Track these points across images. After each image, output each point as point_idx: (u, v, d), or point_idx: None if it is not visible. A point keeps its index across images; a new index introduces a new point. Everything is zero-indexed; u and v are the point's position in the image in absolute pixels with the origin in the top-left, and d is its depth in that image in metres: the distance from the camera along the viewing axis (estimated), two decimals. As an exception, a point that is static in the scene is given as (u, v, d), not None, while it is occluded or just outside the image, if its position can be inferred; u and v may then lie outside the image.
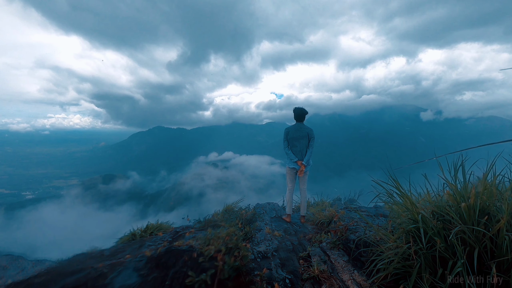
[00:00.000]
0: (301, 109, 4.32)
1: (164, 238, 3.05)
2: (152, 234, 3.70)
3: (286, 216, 4.44)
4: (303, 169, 4.18)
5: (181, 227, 3.77)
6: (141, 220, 68.09)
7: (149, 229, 3.80)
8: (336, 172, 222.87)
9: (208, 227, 3.78)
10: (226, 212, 4.79)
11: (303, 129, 4.26)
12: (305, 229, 3.88)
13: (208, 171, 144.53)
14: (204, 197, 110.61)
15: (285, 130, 4.41)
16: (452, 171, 2.27)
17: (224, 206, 5.03)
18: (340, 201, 9.59)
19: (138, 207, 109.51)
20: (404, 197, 2.23)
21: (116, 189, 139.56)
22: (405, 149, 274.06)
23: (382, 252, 2.17)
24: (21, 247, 62.39)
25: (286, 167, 4.46)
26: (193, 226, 3.81)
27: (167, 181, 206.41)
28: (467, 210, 1.86)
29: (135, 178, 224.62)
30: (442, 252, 1.78)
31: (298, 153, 4.25)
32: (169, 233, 3.44)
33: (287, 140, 4.34)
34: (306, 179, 4.44)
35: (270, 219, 4.33)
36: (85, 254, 3.00)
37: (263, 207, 4.81)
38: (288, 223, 4.19)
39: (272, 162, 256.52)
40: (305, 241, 3.20)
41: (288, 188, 4.46)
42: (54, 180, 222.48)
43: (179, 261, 2.19)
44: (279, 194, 71.22)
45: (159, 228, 3.88)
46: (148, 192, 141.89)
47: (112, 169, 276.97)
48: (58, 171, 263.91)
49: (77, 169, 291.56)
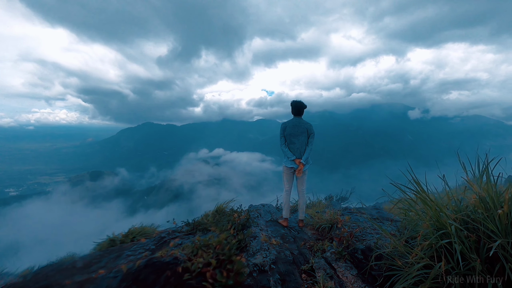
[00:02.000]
0: (299, 102, 3.92)
1: (147, 246, 2.68)
2: (134, 239, 3.32)
3: (282, 219, 4.05)
4: (301, 168, 3.79)
5: (167, 231, 3.41)
6: (130, 218, 67.17)
7: (131, 233, 3.43)
8: (326, 169, 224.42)
9: (197, 231, 3.44)
10: (217, 213, 4.43)
11: (302, 125, 3.86)
12: (305, 234, 3.51)
13: (199, 167, 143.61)
14: (195, 194, 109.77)
15: (281, 125, 3.98)
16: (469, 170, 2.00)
17: (215, 206, 4.66)
18: (332, 199, 9.40)
19: (127, 204, 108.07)
20: (426, 202, 1.88)
21: (104, 186, 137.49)
22: (393, 146, 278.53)
23: (400, 268, 1.85)
24: (3, 246, 60.48)
25: (282, 166, 4.02)
26: (180, 230, 3.46)
27: (157, 178, 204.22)
28: (504, 218, 1.57)
29: (124, 175, 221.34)
30: (480, 273, 1.52)
31: (296, 151, 3.85)
32: (152, 239, 3.08)
33: (284, 136, 3.93)
34: (305, 180, 4.03)
35: (266, 223, 3.90)
36: (55, 266, 2.61)
37: (257, 210, 4.34)
38: (285, 227, 3.83)
39: (263, 159, 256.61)
40: (306, 250, 2.83)
41: (285, 189, 4.04)
42: (39, 177, 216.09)
43: (161, 278, 1.84)
44: (272, 192, 71.05)
45: (143, 232, 3.51)
46: (137, 188, 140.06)
47: (100, 166, 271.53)
48: (43, 168, 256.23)
49: (63, 165, 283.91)
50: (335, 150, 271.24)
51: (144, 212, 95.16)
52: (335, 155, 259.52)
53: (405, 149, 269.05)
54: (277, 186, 13.64)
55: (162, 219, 16.05)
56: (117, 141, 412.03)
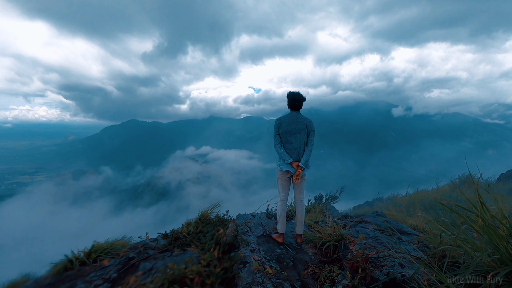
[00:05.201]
0: (297, 93, 3.21)
1: (107, 274, 2.12)
2: (97, 259, 2.74)
3: (277, 235, 3.37)
4: (300, 173, 3.13)
5: (138, 249, 2.84)
6: (116, 217, 65.77)
7: (94, 251, 2.83)
8: (312, 166, 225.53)
9: (175, 246, 2.90)
10: (200, 222, 3.89)
11: (300, 120, 3.21)
12: (305, 255, 2.87)
13: (187, 165, 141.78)
14: (184, 192, 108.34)
15: (276, 121, 3.28)
16: None
17: (198, 213, 4.11)
18: (321, 198, 9.04)
19: (112, 203, 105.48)
20: (490, 230, 1.38)
21: (88, 185, 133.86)
22: (377, 143, 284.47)
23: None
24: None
25: (277, 170, 3.31)
26: (155, 246, 2.90)
27: (143, 176, 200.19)
28: None
29: (108, 173, 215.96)
30: None
31: (293, 152, 3.19)
32: (118, 260, 2.51)
33: (278, 134, 3.22)
34: (303, 186, 3.34)
35: (257, 239, 3.18)
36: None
37: (247, 222, 3.56)
38: (281, 244, 3.19)
39: (250, 157, 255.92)
40: (310, 280, 2.23)
41: (280, 198, 3.33)
42: (18, 176, 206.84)
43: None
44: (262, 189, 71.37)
45: (110, 249, 2.92)
46: (122, 187, 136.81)
47: (83, 164, 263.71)
48: (22, 167, 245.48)
49: (43, 164, 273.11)
50: (321, 147, 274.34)
51: (132, 211, 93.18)
52: (321, 152, 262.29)
53: (389, 145, 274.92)
54: (267, 184, 13.00)
55: (150, 218, 15.13)
56: (101, 139, 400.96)
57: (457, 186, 8.37)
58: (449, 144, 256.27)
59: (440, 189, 8.78)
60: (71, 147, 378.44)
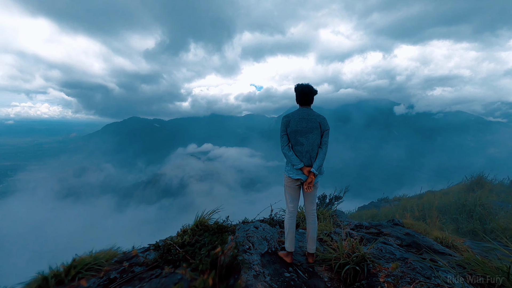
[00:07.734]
0: (307, 86, 2.67)
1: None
2: (76, 276, 2.38)
3: (285, 253, 2.81)
4: (312, 180, 2.56)
5: (123, 265, 2.48)
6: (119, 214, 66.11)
7: (74, 267, 2.47)
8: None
9: (165, 262, 2.53)
10: (197, 229, 3.54)
11: (312, 118, 2.66)
12: (319, 280, 2.34)
13: (190, 162, 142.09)
14: (188, 189, 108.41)
15: (283, 119, 2.70)
16: None
17: (195, 219, 3.74)
18: (325, 199, 8.67)
19: (114, 200, 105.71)
20: None
21: (90, 182, 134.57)
22: (379, 142, 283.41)
23: None
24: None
25: (284, 176, 2.74)
26: (143, 261, 2.53)
27: (144, 173, 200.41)
28: None
29: (110, 171, 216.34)
30: None
31: (304, 155, 2.62)
32: (98, 278, 2.16)
33: (286, 134, 2.66)
34: (316, 196, 2.76)
35: (261, 258, 2.61)
36: None
37: (248, 236, 2.94)
38: (289, 265, 2.64)
39: (252, 154, 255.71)
40: None
41: (287, 210, 2.78)
42: (20, 173, 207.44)
43: None
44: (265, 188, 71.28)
45: (92, 263, 2.55)
46: (123, 184, 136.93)
47: (85, 161, 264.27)
48: (24, 163, 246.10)
49: (45, 161, 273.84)
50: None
51: (135, 208, 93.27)
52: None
53: (391, 144, 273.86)
54: (270, 182, 12.43)
55: (154, 214, 14.68)
56: (102, 136, 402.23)
57: (469, 187, 7.96)
58: (451, 142, 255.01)
59: (451, 190, 8.37)
60: (73, 144, 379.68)
